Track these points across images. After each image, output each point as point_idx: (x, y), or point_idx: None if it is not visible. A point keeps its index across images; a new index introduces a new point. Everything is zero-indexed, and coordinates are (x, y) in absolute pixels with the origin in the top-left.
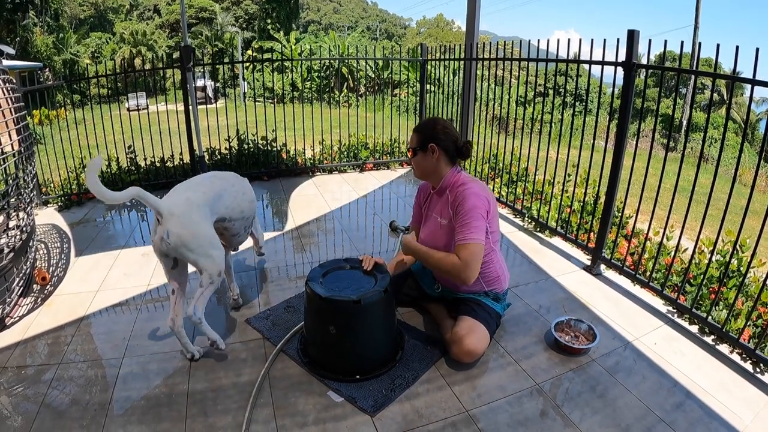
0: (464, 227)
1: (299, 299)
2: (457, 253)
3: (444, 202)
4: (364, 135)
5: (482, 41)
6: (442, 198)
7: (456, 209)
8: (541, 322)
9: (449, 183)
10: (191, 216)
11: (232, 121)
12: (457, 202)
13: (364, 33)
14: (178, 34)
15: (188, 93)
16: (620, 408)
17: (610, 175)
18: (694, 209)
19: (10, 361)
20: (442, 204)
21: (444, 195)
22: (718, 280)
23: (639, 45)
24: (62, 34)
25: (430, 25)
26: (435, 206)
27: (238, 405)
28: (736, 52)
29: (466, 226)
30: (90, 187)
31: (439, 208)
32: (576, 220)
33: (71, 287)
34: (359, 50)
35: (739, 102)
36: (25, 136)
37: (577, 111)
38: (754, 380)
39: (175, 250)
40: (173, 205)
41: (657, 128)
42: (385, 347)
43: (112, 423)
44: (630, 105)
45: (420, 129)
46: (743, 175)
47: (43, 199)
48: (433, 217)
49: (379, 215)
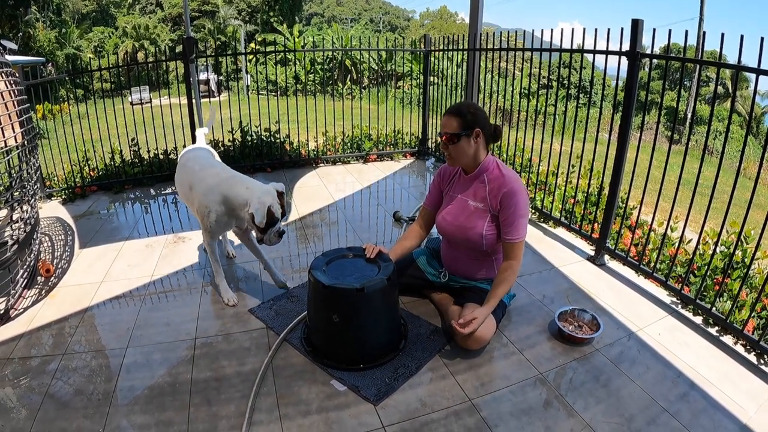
0: (515, 225)
1: (302, 289)
2: (511, 251)
3: (479, 187)
4: (368, 126)
5: (486, 32)
6: (475, 182)
7: (503, 201)
8: (545, 312)
9: (487, 168)
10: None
11: (235, 114)
12: (502, 193)
13: (367, 25)
14: (180, 28)
15: (191, 86)
16: (624, 398)
17: (614, 166)
18: (698, 201)
19: (15, 352)
20: (475, 188)
21: (479, 179)
22: (723, 271)
23: (643, 35)
24: (65, 29)
25: (433, 17)
26: (464, 189)
27: (242, 394)
28: (741, 42)
29: (517, 223)
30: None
31: (471, 192)
32: (580, 211)
33: (75, 279)
34: (362, 42)
35: (745, 95)
36: (28, 129)
37: (582, 103)
38: (758, 371)
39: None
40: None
41: (661, 120)
42: (388, 336)
43: (116, 412)
44: (634, 95)
45: (460, 113)
46: (748, 168)
47: (47, 192)
48: (461, 199)
49: (383, 206)
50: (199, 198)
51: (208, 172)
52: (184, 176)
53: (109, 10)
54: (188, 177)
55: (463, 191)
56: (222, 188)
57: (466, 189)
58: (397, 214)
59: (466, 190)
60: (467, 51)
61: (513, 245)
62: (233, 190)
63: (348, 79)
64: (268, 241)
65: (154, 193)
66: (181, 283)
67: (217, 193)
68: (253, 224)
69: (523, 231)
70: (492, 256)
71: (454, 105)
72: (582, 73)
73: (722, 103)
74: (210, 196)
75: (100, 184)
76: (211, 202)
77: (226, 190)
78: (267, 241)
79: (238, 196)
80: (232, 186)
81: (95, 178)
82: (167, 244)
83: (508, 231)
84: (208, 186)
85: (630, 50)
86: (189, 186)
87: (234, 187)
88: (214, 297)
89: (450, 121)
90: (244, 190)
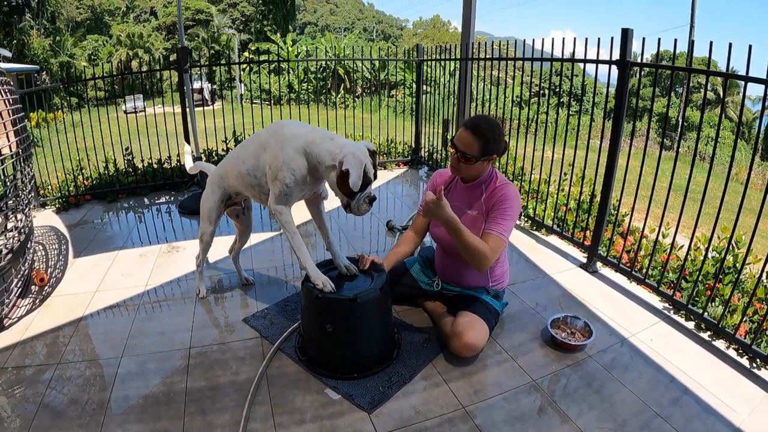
0: (498, 222)
1: (296, 298)
2: (490, 242)
3: (477, 195)
4: (361, 136)
5: (479, 41)
6: (475, 191)
7: (495, 203)
8: (538, 319)
9: (487, 178)
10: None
11: (229, 122)
12: (496, 198)
13: (360, 34)
14: (174, 37)
15: (185, 95)
16: (617, 404)
17: (605, 173)
18: (689, 207)
19: (9, 361)
20: (474, 197)
21: (479, 189)
22: (714, 276)
23: (633, 44)
24: (59, 37)
25: (426, 26)
26: (462, 197)
27: (236, 403)
28: (729, 49)
29: (501, 221)
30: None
31: (468, 200)
32: (572, 219)
33: (69, 288)
34: (356, 51)
35: (735, 101)
36: (22, 138)
37: (573, 111)
38: (750, 375)
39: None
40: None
41: (653, 127)
42: (382, 345)
43: (110, 422)
44: (625, 103)
45: (484, 136)
46: (739, 173)
47: (41, 201)
48: (458, 207)
49: (376, 215)
50: (274, 154)
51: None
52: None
53: (104, 19)
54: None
55: (460, 200)
56: (302, 140)
57: (462, 198)
58: (390, 223)
59: (462, 199)
60: (460, 60)
61: (490, 235)
62: (316, 142)
63: (341, 88)
64: (357, 209)
65: (148, 202)
66: (176, 293)
67: (297, 145)
68: (338, 186)
69: (506, 232)
70: None
71: (479, 120)
72: (574, 80)
73: (713, 108)
74: (287, 150)
75: (94, 193)
76: (289, 156)
77: (308, 142)
78: (356, 210)
79: (322, 149)
80: (314, 137)
81: (89, 187)
82: (161, 253)
83: (490, 224)
84: (284, 137)
85: (620, 59)
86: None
87: (316, 138)
88: (208, 306)
89: (470, 141)
90: (329, 142)
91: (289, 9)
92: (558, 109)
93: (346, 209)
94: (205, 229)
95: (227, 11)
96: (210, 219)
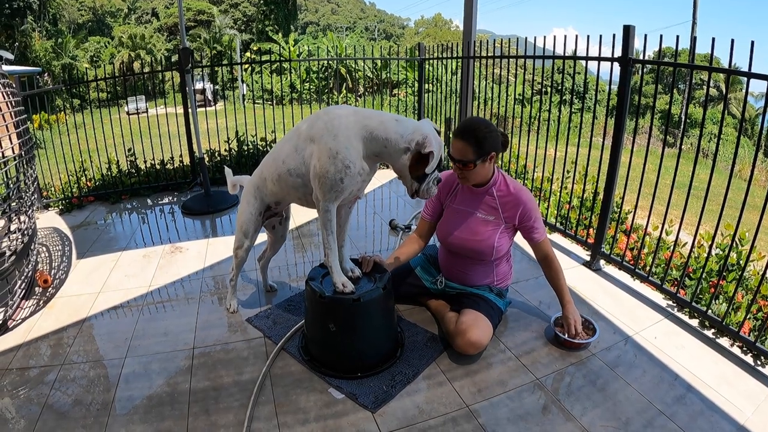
0: (536, 228)
1: (300, 298)
2: (543, 247)
3: (488, 200)
4: None
5: (480, 39)
6: (484, 196)
7: (523, 215)
8: (541, 317)
9: (495, 181)
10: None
11: (231, 123)
12: (519, 209)
13: (362, 34)
14: (176, 37)
15: (187, 95)
16: (621, 402)
17: (608, 170)
18: (692, 204)
19: (13, 363)
20: (483, 201)
21: (488, 193)
22: (718, 273)
23: (635, 41)
24: (61, 39)
25: (428, 25)
26: (470, 202)
27: (240, 403)
28: (732, 46)
29: (538, 226)
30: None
31: (479, 205)
32: (575, 217)
33: (73, 289)
34: (357, 51)
35: (738, 97)
36: (25, 140)
37: (576, 108)
38: (754, 373)
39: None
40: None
41: (655, 124)
42: (386, 344)
43: (114, 422)
44: (627, 100)
45: (475, 138)
46: (742, 170)
47: (44, 202)
48: (466, 212)
49: (379, 214)
50: (325, 144)
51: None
52: (289, 143)
53: (105, 20)
54: (298, 135)
55: (469, 204)
56: (362, 125)
57: (472, 202)
58: (393, 223)
59: (472, 204)
60: (461, 59)
61: (543, 243)
62: (384, 124)
63: (344, 88)
64: (427, 192)
65: (151, 203)
66: (179, 293)
67: (356, 131)
68: (411, 170)
69: (545, 232)
70: (494, 262)
71: (464, 125)
72: (576, 78)
73: (716, 105)
74: (341, 138)
75: (97, 194)
76: (343, 145)
77: (370, 126)
78: (425, 193)
79: (390, 131)
80: (378, 120)
81: (92, 188)
82: (164, 254)
83: (534, 235)
84: (337, 125)
85: (622, 56)
86: (307, 139)
87: (382, 120)
88: (212, 307)
89: (463, 148)
90: (395, 123)
91: (290, 9)
92: (560, 106)
93: (414, 194)
94: (241, 244)
95: (229, 12)
96: (246, 233)
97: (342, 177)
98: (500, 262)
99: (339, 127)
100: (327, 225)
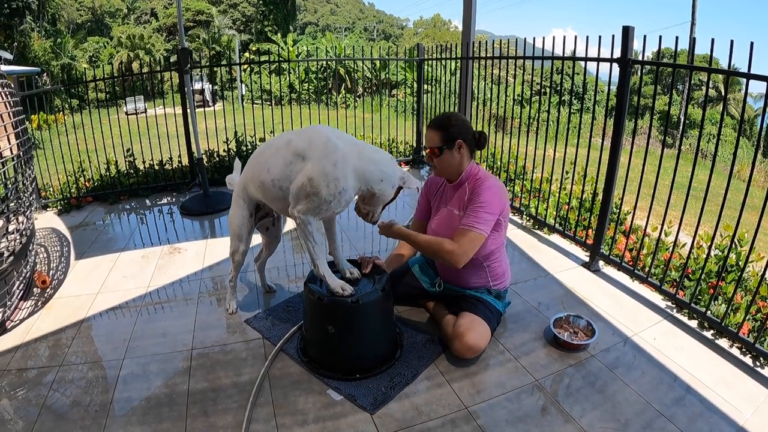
0: (473, 215)
1: (299, 299)
2: (458, 237)
3: (461, 195)
4: (362, 136)
5: (479, 40)
6: (459, 191)
7: (470, 198)
8: (540, 318)
9: (469, 175)
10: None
11: (230, 123)
12: (472, 193)
13: (361, 34)
14: (175, 38)
15: (186, 96)
16: (620, 403)
17: (607, 171)
18: (691, 205)
19: (11, 363)
20: (458, 196)
21: (462, 188)
22: (717, 274)
23: (634, 41)
24: (60, 39)
25: (427, 26)
26: (450, 199)
27: (239, 404)
28: (731, 47)
29: (475, 215)
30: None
31: (455, 201)
32: (574, 217)
33: (71, 290)
34: (356, 51)
35: (737, 98)
36: (24, 140)
37: (575, 109)
38: (753, 374)
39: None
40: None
41: (654, 125)
42: (384, 346)
43: (113, 424)
44: (626, 100)
45: (441, 126)
46: (741, 171)
47: (43, 203)
48: (447, 209)
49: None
50: (322, 169)
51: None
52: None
53: (104, 20)
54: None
55: (449, 201)
56: (356, 163)
57: (450, 199)
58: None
59: (451, 200)
60: (460, 59)
61: (462, 230)
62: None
63: (342, 88)
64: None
65: (149, 203)
66: (177, 294)
67: (354, 166)
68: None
69: (478, 223)
70: (484, 263)
71: (435, 118)
72: (575, 78)
73: (715, 106)
74: (341, 168)
75: (95, 194)
76: (342, 174)
77: (362, 168)
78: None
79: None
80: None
81: (91, 188)
82: (163, 255)
83: (465, 217)
84: (334, 153)
85: (621, 57)
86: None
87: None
88: (210, 308)
89: (432, 135)
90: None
91: (289, 9)
92: (559, 107)
93: (373, 221)
94: (236, 248)
95: (228, 12)
96: (240, 237)
97: (331, 200)
98: (492, 262)
99: (338, 159)
100: (309, 237)
